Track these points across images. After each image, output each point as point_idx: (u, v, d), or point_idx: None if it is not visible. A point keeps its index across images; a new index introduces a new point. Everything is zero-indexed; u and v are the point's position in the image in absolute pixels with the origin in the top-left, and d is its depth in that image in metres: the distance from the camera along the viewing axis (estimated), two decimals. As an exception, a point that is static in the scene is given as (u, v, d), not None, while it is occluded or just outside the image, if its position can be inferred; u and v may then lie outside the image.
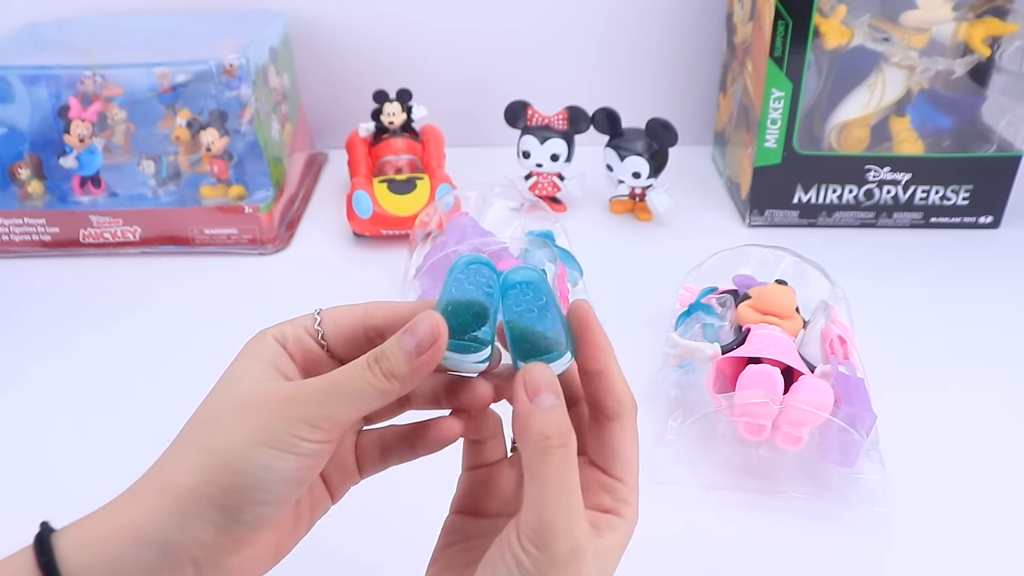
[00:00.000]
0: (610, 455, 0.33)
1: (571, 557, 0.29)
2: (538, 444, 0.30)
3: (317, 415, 0.30)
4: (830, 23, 0.78)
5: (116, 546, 0.29)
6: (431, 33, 1.01)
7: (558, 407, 0.31)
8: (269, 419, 0.30)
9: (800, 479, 0.53)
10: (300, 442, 0.29)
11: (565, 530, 0.29)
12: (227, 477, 0.29)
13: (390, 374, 0.30)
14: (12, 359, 0.67)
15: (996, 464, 0.55)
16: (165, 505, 0.29)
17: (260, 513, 0.30)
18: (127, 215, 0.81)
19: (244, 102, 0.80)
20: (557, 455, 0.29)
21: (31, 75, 0.80)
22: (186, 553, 0.29)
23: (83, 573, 0.29)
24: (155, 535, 0.29)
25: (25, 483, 0.55)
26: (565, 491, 0.29)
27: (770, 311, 0.58)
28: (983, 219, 0.85)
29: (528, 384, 0.31)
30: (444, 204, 0.78)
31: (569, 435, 0.30)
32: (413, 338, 0.30)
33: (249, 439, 0.29)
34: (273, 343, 0.33)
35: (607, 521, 0.32)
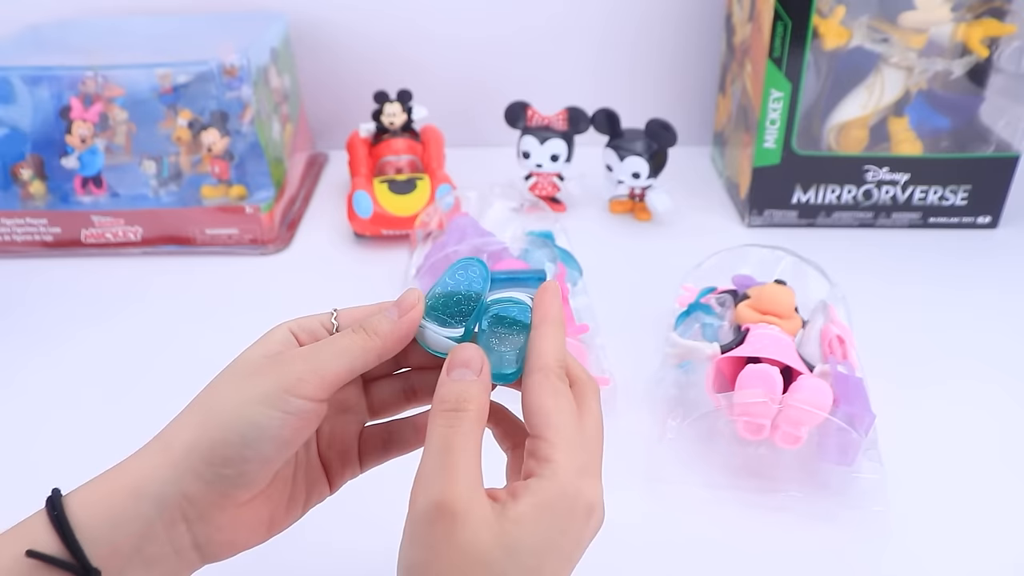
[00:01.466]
0: (529, 413, 0.32)
1: (438, 512, 0.29)
2: (434, 408, 0.32)
3: (304, 369, 0.32)
4: (829, 24, 0.78)
5: (115, 499, 0.31)
6: (432, 34, 1.01)
7: (468, 382, 0.32)
8: (261, 379, 0.32)
9: (799, 478, 0.53)
10: (289, 398, 0.31)
11: (433, 484, 0.29)
12: (216, 432, 0.31)
13: (373, 331, 0.33)
14: (13, 359, 0.67)
15: (995, 463, 0.55)
16: (160, 460, 0.32)
17: (244, 470, 0.31)
18: (129, 215, 0.81)
19: (245, 103, 0.80)
20: (445, 416, 0.31)
21: (33, 76, 0.80)
22: (177, 507, 0.31)
23: (87, 525, 0.31)
24: (150, 488, 0.31)
25: (25, 483, 0.55)
26: (443, 449, 0.30)
27: (769, 311, 0.58)
28: (981, 219, 0.85)
29: (451, 359, 0.33)
30: (444, 204, 0.78)
31: (466, 403, 0.31)
32: (395, 305, 0.34)
33: (242, 398, 0.32)
34: (286, 330, 0.35)
35: (523, 486, 0.31)
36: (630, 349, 0.65)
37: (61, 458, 0.57)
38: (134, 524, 0.31)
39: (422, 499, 0.29)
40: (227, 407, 0.32)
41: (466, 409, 0.31)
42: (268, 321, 0.36)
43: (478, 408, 0.31)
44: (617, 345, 0.64)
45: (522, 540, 0.29)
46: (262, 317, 0.38)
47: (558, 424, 0.31)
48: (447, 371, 0.33)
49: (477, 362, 0.33)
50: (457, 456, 0.30)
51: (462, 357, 0.33)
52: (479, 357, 0.33)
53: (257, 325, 0.37)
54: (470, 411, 0.31)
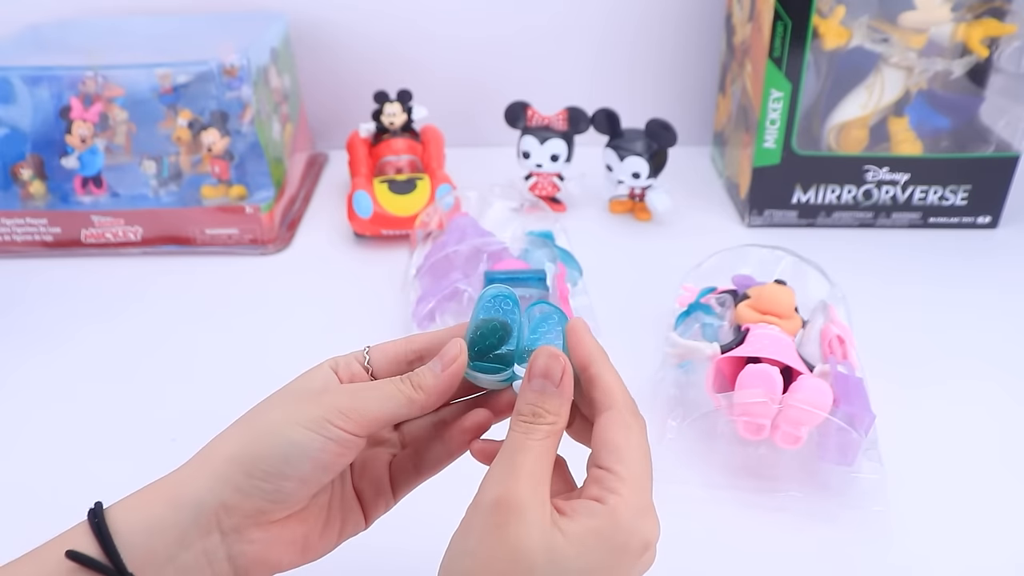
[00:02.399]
0: (601, 447, 0.33)
1: (498, 507, 0.30)
2: (512, 420, 0.33)
3: (348, 405, 0.33)
4: (829, 24, 0.78)
5: (154, 507, 0.33)
6: (432, 34, 1.01)
7: (549, 393, 0.33)
8: (307, 406, 0.33)
9: (799, 478, 0.53)
10: (329, 426, 0.33)
11: (499, 480, 0.31)
12: (258, 447, 0.33)
13: (418, 385, 0.35)
14: (13, 359, 0.67)
15: (994, 463, 0.55)
16: (200, 470, 0.33)
17: (282, 486, 0.33)
18: (129, 215, 0.81)
19: (245, 103, 0.80)
20: (519, 426, 0.33)
21: (33, 76, 0.80)
22: (214, 516, 0.32)
23: (125, 531, 0.32)
24: (188, 496, 0.32)
25: (26, 483, 0.55)
26: (512, 450, 0.32)
27: (769, 311, 0.58)
28: (981, 219, 0.85)
29: (533, 368, 0.34)
30: (444, 204, 0.78)
31: (543, 415, 0.33)
32: (439, 358, 0.35)
33: (286, 420, 0.33)
34: (327, 368, 0.37)
35: (584, 505, 0.31)
36: (630, 349, 0.65)
37: (61, 458, 0.57)
38: (171, 531, 0.32)
39: (484, 493, 0.31)
40: (271, 426, 0.33)
41: (543, 420, 0.33)
42: (268, 321, 0.36)
43: (555, 419, 0.33)
44: (617, 345, 0.63)
45: (568, 556, 0.30)
46: (262, 317, 0.39)
47: (628, 460, 0.32)
48: (528, 378, 0.34)
49: (557, 372, 0.33)
50: (525, 458, 0.32)
51: (543, 366, 0.34)
52: (559, 366, 0.34)
53: (257, 325, 0.37)
54: (546, 421, 0.33)
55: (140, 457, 0.56)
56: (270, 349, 0.66)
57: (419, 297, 0.67)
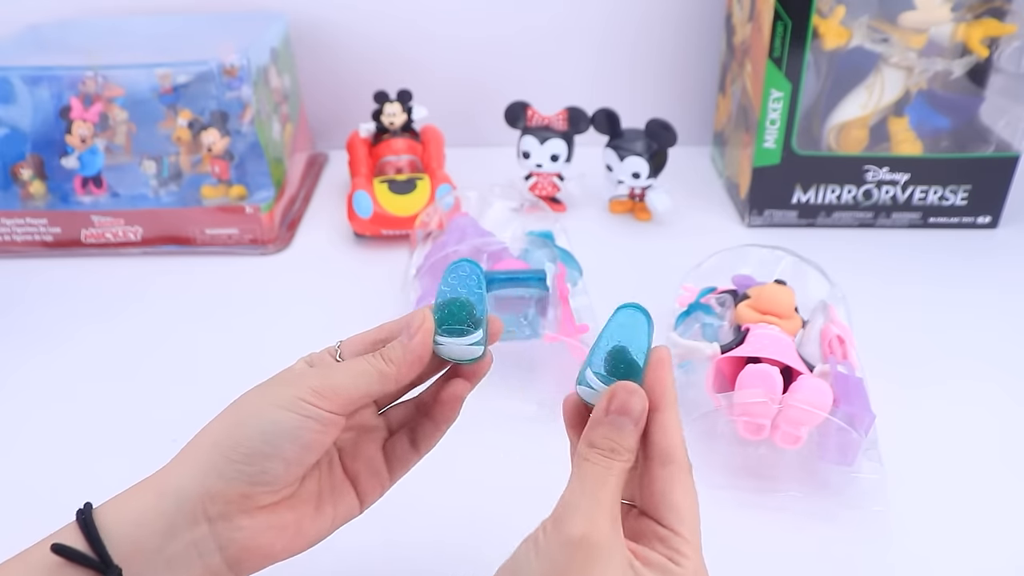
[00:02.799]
0: (661, 503, 0.33)
1: (582, 542, 0.29)
2: (587, 449, 0.33)
3: (321, 384, 0.34)
4: (829, 24, 0.78)
5: (139, 499, 0.33)
6: (432, 34, 1.01)
7: (626, 430, 0.33)
8: (281, 388, 0.34)
9: (799, 478, 0.53)
10: (304, 404, 0.33)
11: (583, 515, 0.30)
12: (237, 431, 0.33)
13: (388, 358, 0.35)
14: (13, 359, 0.67)
15: (994, 463, 0.55)
16: (185, 460, 0.34)
17: (266, 467, 0.33)
18: (129, 215, 0.81)
19: (245, 103, 0.80)
20: (598, 459, 0.32)
21: (33, 76, 0.80)
22: (199, 503, 0.33)
23: (112, 524, 0.32)
24: (172, 485, 0.33)
25: (26, 483, 0.55)
26: (595, 487, 0.31)
27: (769, 311, 0.58)
28: (981, 219, 0.85)
29: (612, 401, 0.33)
30: (444, 204, 0.78)
31: (620, 452, 0.32)
32: (405, 328, 0.36)
33: (263, 402, 0.34)
34: (301, 362, 0.38)
35: (660, 562, 0.31)
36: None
37: (61, 458, 0.57)
38: (157, 522, 0.32)
39: (568, 526, 0.30)
40: (249, 409, 0.34)
41: (621, 457, 0.32)
42: (268, 321, 0.37)
43: (630, 457, 0.33)
44: (617, 345, 0.63)
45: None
46: (262, 317, 0.39)
47: (692, 524, 0.33)
48: (605, 411, 0.33)
49: (638, 411, 0.33)
50: (606, 494, 0.31)
51: (622, 403, 0.33)
52: (640, 407, 0.33)
53: (257, 325, 0.37)
54: (624, 459, 0.32)
55: (140, 457, 0.56)
56: (270, 349, 0.66)
57: (419, 297, 0.67)
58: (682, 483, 0.33)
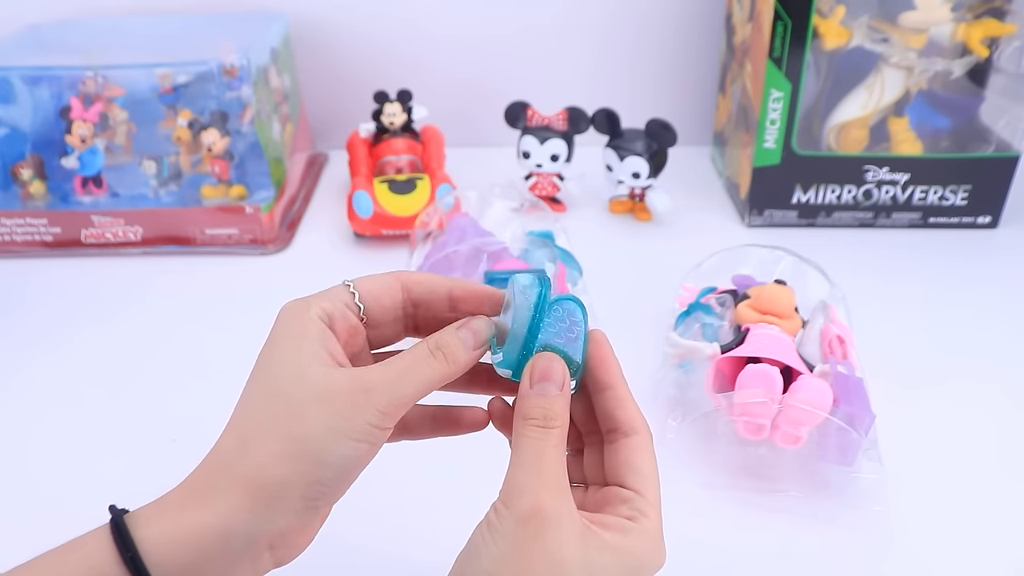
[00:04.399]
0: (626, 469, 0.34)
1: (533, 516, 0.30)
2: (522, 422, 0.33)
3: (388, 403, 0.32)
4: (829, 24, 0.78)
5: (202, 543, 0.30)
6: (432, 34, 1.01)
7: (554, 396, 0.33)
8: (346, 410, 0.31)
9: (799, 478, 0.53)
10: (374, 430, 0.32)
11: (529, 489, 0.31)
12: (313, 468, 0.31)
13: (452, 360, 0.34)
14: (13, 359, 0.67)
15: (994, 463, 0.55)
16: (253, 502, 0.30)
17: (331, 499, 0.32)
18: (128, 215, 0.81)
19: (245, 103, 0.80)
20: (535, 431, 0.32)
21: (33, 76, 0.80)
22: (266, 541, 0.31)
23: (167, 565, 0.30)
24: (242, 531, 0.30)
25: (26, 483, 0.55)
26: (535, 458, 0.32)
27: (769, 311, 0.58)
28: (981, 219, 0.85)
29: (534, 372, 0.34)
30: (444, 204, 0.78)
31: (553, 419, 0.32)
32: (471, 334, 0.35)
33: (330, 431, 0.31)
34: (319, 322, 0.34)
35: (618, 522, 0.32)
36: (630, 349, 0.64)
37: (62, 458, 0.57)
38: (219, 563, 0.31)
39: (515, 501, 0.30)
40: (319, 444, 0.31)
41: (553, 424, 0.32)
42: (268, 321, 0.36)
43: (563, 423, 0.33)
44: (617, 345, 0.63)
45: (603, 568, 0.30)
46: (262, 317, 0.38)
47: (653, 486, 0.34)
48: (530, 383, 0.33)
49: (559, 376, 0.33)
50: (549, 465, 0.31)
51: (543, 370, 0.34)
52: (561, 370, 0.34)
53: (257, 325, 0.37)
54: (556, 426, 0.32)
55: (141, 457, 0.56)
56: (270, 349, 0.66)
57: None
58: (645, 450, 0.34)
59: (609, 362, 0.35)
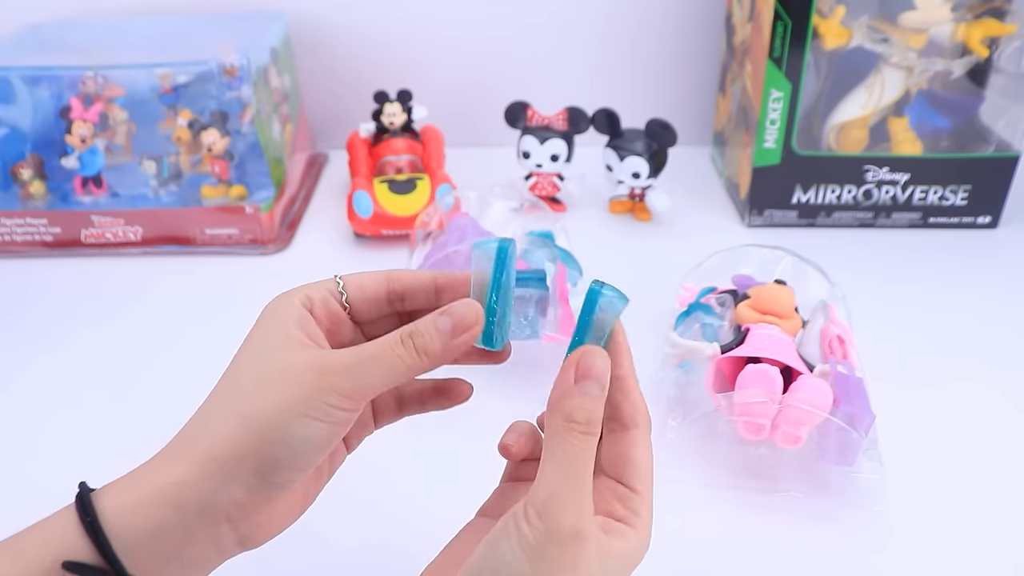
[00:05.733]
0: (624, 464, 0.33)
1: (573, 537, 0.29)
2: (564, 423, 0.30)
3: (351, 386, 0.31)
4: (829, 24, 0.78)
5: (157, 509, 0.31)
6: (432, 34, 1.01)
7: (597, 398, 0.31)
8: (304, 389, 0.31)
9: (799, 478, 0.53)
10: (334, 411, 0.31)
11: (573, 507, 0.29)
12: (266, 446, 0.31)
13: (423, 350, 0.32)
14: (14, 359, 0.67)
15: (994, 463, 0.55)
16: (205, 471, 0.31)
17: (291, 476, 0.32)
18: (128, 215, 0.81)
19: (245, 103, 0.80)
20: (580, 438, 0.30)
21: (33, 76, 0.80)
22: (222, 513, 0.31)
23: (125, 534, 0.30)
24: (194, 500, 0.31)
25: (26, 484, 0.55)
26: (579, 472, 0.30)
27: (769, 311, 0.58)
28: (981, 219, 0.85)
29: (580, 366, 0.32)
30: (444, 204, 0.78)
31: (596, 426, 0.31)
32: (451, 319, 0.32)
33: (286, 409, 0.31)
34: (299, 307, 0.34)
35: (617, 527, 0.32)
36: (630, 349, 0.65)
37: (62, 458, 0.57)
38: (175, 532, 0.31)
39: (559, 520, 0.29)
40: (272, 418, 0.31)
41: (595, 434, 0.31)
42: (268, 321, 0.36)
43: (600, 429, 0.32)
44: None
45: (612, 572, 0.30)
46: (262, 317, 0.38)
47: (648, 481, 0.33)
48: (576, 380, 0.31)
49: (605, 376, 0.32)
50: (587, 480, 0.30)
51: (591, 367, 0.31)
52: (605, 370, 0.32)
53: (257, 325, 0.37)
54: (597, 431, 0.31)
55: (140, 456, 0.56)
56: (270, 349, 0.66)
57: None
58: (644, 443, 0.33)
59: (621, 352, 0.34)
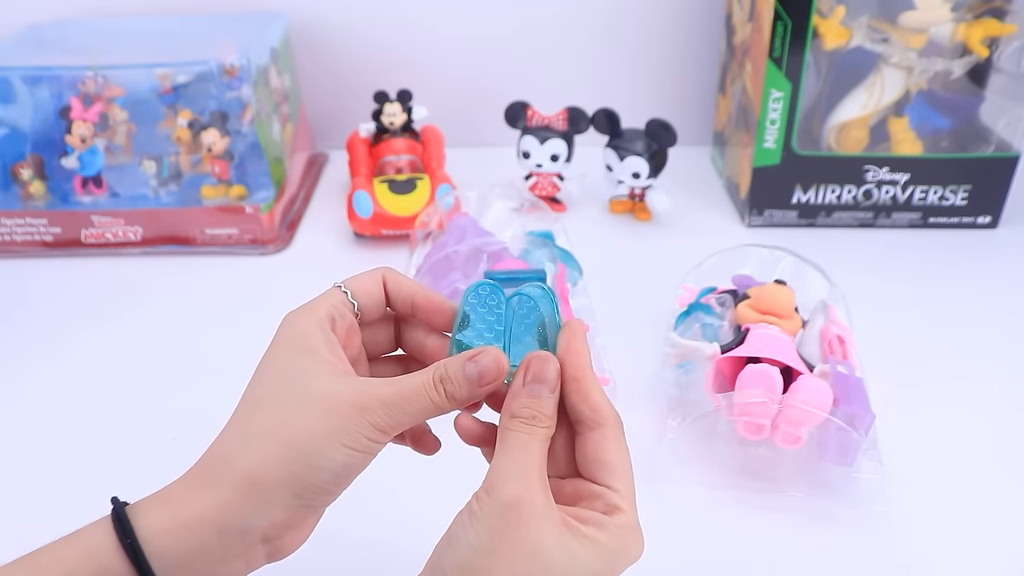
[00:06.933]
0: (595, 464, 0.34)
1: (516, 504, 0.31)
2: (510, 420, 0.34)
3: (386, 422, 0.33)
4: (829, 24, 0.78)
5: (199, 532, 0.32)
6: (432, 34, 1.01)
7: (545, 398, 0.34)
8: (344, 421, 0.33)
9: (799, 478, 0.53)
10: (371, 443, 0.33)
11: (514, 478, 0.31)
12: (308, 472, 0.32)
13: (452, 397, 0.34)
14: (13, 359, 0.67)
15: (994, 463, 0.55)
16: (248, 496, 0.32)
17: (327, 500, 0.34)
18: (128, 215, 0.81)
19: (245, 103, 0.80)
20: (524, 427, 0.33)
21: (33, 76, 0.80)
22: (260, 533, 0.33)
23: (165, 554, 0.31)
24: (237, 523, 0.32)
25: (26, 484, 0.55)
26: (521, 451, 0.32)
27: (769, 311, 0.58)
28: (981, 219, 0.85)
29: (529, 370, 0.35)
30: (444, 204, 0.78)
31: (542, 420, 0.33)
32: (477, 368, 0.34)
33: (327, 437, 0.32)
34: (327, 329, 0.36)
35: (594, 516, 0.33)
36: (630, 349, 0.65)
37: (62, 458, 0.57)
38: (215, 553, 0.32)
39: (500, 491, 0.31)
40: (315, 447, 0.32)
41: (542, 423, 0.33)
42: (268, 321, 0.36)
43: (551, 424, 0.34)
44: (617, 345, 0.64)
45: (581, 559, 0.31)
46: (262, 317, 0.39)
47: (625, 479, 0.34)
48: (523, 382, 0.34)
49: (552, 379, 0.34)
50: (533, 459, 0.32)
51: (539, 372, 0.34)
52: (554, 374, 0.34)
53: (257, 325, 0.37)
54: (544, 425, 0.34)
55: (140, 456, 0.56)
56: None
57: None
58: (615, 441, 0.34)
59: (578, 353, 0.35)
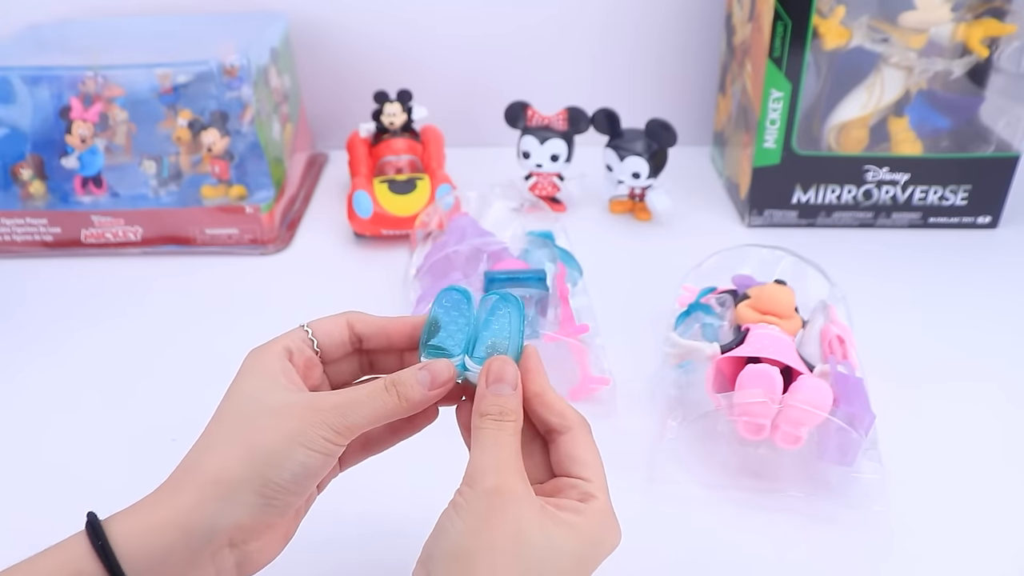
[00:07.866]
0: (568, 460, 0.37)
1: (496, 492, 0.33)
2: (480, 419, 0.36)
3: (340, 423, 0.35)
4: (829, 24, 0.78)
5: (166, 533, 0.33)
6: (432, 34, 1.01)
7: (508, 395, 0.37)
8: (300, 424, 0.35)
9: (799, 478, 0.53)
10: (326, 443, 0.35)
11: (491, 468, 0.34)
12: (267, 470, 0.34)
13: (404, 397, 0.37)
14: (13, 359, 0.67)
15: (995, 463, 0.55)
16: (211, 494, 0.34)
17: (287, 500, 0.35)
18: (128, 215, 0.81)
19: (245, 103, 0.80)
20: (493, 423, 0.36)
21: (33, 76, 0.80)
22: (226, 536, 0.34)
23: (135, 557, 0.33)
24: (201, 522, 0.33)
25: (26, 485, 0.55)
26: (493, 445, 0.35)
27: (769, 311, 0.58)
28: (981, 219, 0.85)
29: (489, 374, 0.37)
30: (444, 204, 0.78)
31: (509, 415, 0.36)
32: (429, 375, 0.37)
33: (285, 438, 0.35)
34: (282, 358, 0.38)
35: (571, 503, 0.35)
36: (630, 349, 0.65)
37: (61, 458, 0.57)
38: (183, 555, 0.33)
39: (481, 481, 0.34)
40: (276, 447, 0.34)
41: (508, 418, 0.36)
42: (268, 321, 0.37)
43: (517, 417, 0.37)
44: (617, 345, 0.64)
45: (560, 541, 0.33)
46: (262, 317, 0.39)
47: (597, 471, 0.37)
48: (486, 384, 0.37)
49: (512, 377, 0.37)
50: (507, 452, 0.35)
51: (498, 372, 0.37)
52: (513, 372, 0.37)
53: (257, 325, 0.37)
54: (511, 419, 0.36)
55: (140, 457, 0.56)
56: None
57: (419, 297, 0.67)
58: (584, 440, 0.37)
59: (536, 371, 0.38)
